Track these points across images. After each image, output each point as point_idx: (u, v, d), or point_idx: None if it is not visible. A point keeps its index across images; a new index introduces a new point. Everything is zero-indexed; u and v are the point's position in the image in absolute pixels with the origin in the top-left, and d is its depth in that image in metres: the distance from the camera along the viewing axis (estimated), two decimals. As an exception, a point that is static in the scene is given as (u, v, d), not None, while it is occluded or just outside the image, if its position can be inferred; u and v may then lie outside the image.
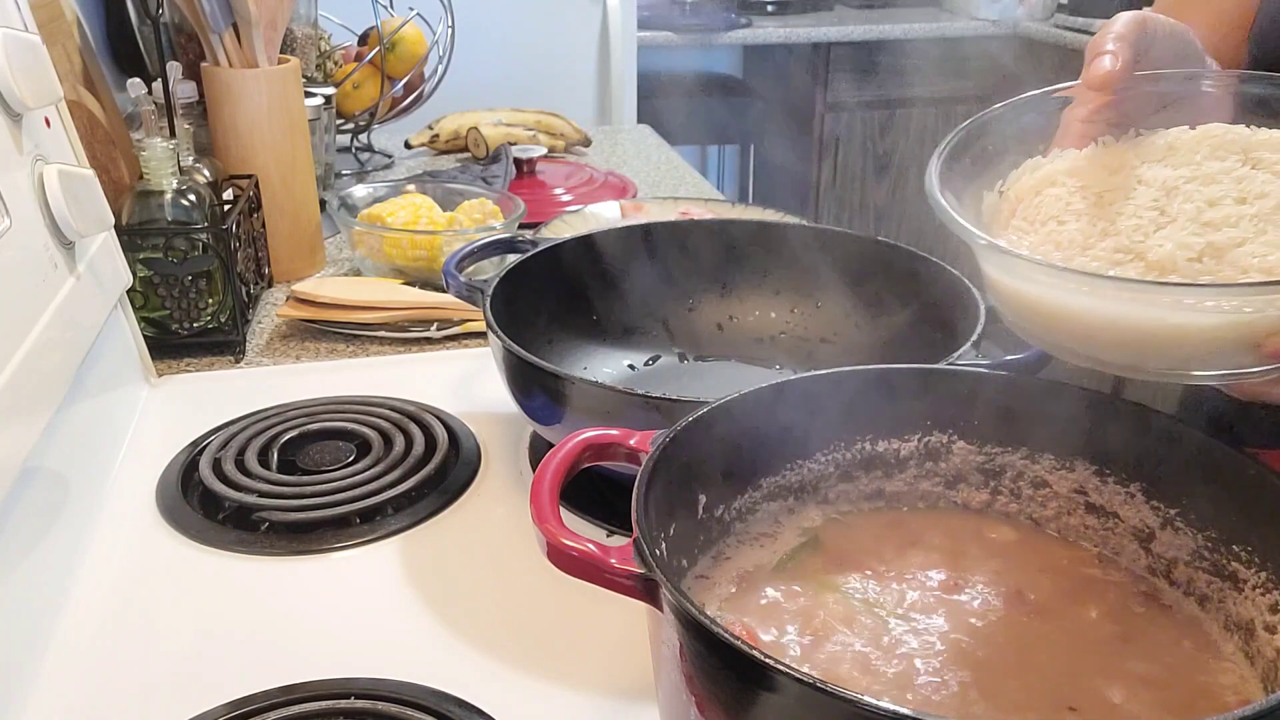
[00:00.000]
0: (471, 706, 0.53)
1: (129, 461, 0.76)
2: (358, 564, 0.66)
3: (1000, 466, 0.54)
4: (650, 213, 1.18)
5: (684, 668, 0.38)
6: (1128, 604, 0.49)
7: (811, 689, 0.33)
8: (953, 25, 3.05)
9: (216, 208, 0.93)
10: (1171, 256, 0.45)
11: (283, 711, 0.52)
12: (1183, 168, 0.49)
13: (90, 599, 0.62)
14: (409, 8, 1.51)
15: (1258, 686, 0.44)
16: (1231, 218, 0.46)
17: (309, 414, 0.80)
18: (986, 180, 0.54)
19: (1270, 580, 0.45)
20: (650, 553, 0.39)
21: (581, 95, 2.26)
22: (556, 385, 0.64)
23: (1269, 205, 0.46)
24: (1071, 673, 0.44)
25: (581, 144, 1.59)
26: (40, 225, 0.65)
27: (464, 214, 1.08)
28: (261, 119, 1.03)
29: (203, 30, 1.01)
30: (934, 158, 0.52)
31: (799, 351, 0.85)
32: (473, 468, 0.75)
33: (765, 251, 0.86)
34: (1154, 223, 0.47)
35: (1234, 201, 0.47)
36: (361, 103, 1.47)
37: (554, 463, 0.45)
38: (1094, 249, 0.48)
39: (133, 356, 0.84)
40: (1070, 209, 0.50)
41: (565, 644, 0.59)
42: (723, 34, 2.97)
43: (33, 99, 0.65)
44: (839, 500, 0.55)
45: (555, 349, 0.81)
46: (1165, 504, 0.49)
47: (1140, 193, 0.49)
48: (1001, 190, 0.53)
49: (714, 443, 0.49)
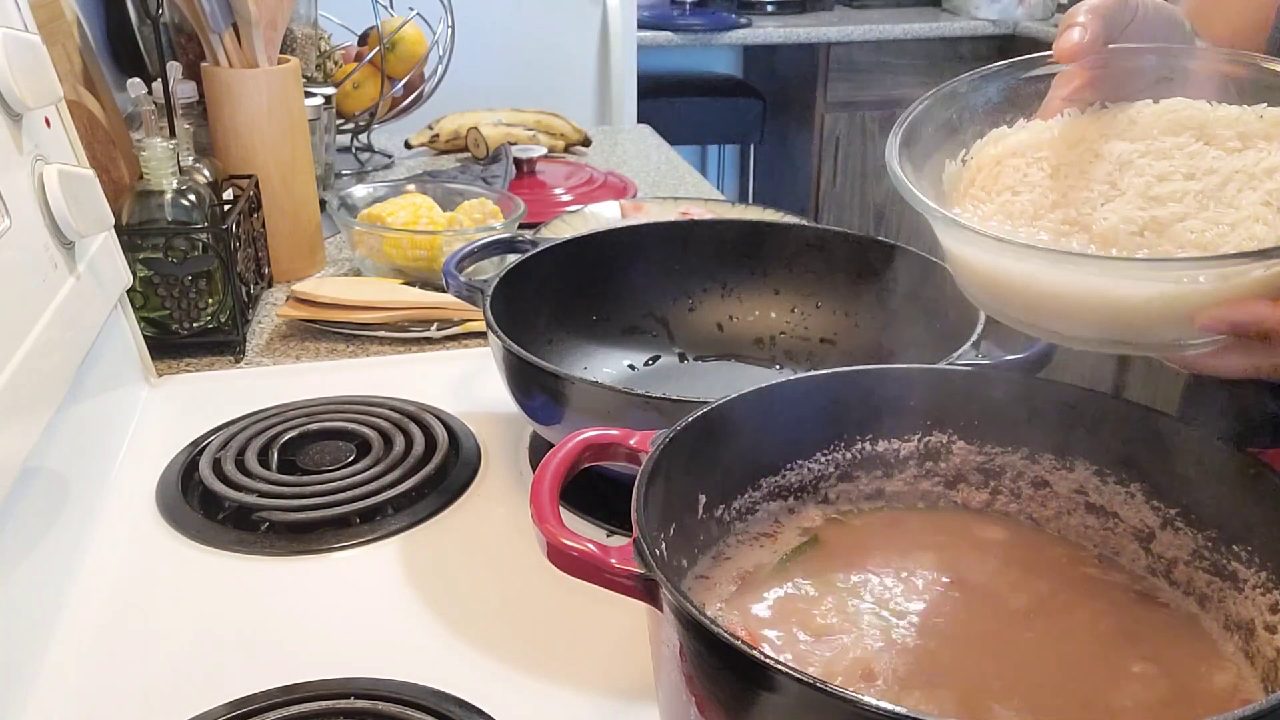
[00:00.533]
0: (471, 706, 0.53)
1: (129, 461, 0.76)
2: (358, 564, 0.66)
3: (1000, 466, 0.54)
4: (650, 213, 1.18)
5: (684, 668, 0.38)
6: (1127, 604, 0.49)
7: (811, 689, 0.33)
8: (953, 25, 3.05)
9: (216, 208, 0.93)
10: (1115, 229, 0.46)
11: (283, 711, 0.52)
12: (1139, 142, 0.49)
13: (90, 599, 0.62)
14: (409, 8, 1.51)
15: (1258, 686, 0.44)
16: (1177, 193, 0.46)
17: (309, 414, 0.80)
18: (950, 149, 0.54)
19: (1270, 580, 0.44)
20: (650, 553, 0.39)
21: (581, 95, 2.26)
22: (556, 385, 0.64)
23: (1215, 181, 0.46)
24: (1071, 673, 0.44)
25: (581, 144, 1.59)
26: (40, 225, 0.65)
27: (464, 214, 1.08)
28: (261, 119, 1.03)
29: (203, 30, 1.01)
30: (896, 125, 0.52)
31: (799, 351, 0.85)
32: (473, 468, 0.75)
33: (765, 251, 0.86)
34: (1104, 196, 0.48)
35: (1183, 177, 0.47)
36: (361, 103, 1.47)
37: (554, 463, 0.45)
38: (1043, 219, 0.48)
39: (133, 356, 0.84)
40: (1026, 180, 0.50)
41: (565, 644, 0.59)
42: (723, 34, 2.97)
43: (33, 99, 0.65)
44: (839, 500, 0.55)
45: (555, 349, 0.81)
46: (1165, 504, 0.49)
47: (1097, 166, 0.49)
48: (965, 160, 0.54)
49: (714, 443, 0.49)
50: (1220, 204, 0.46)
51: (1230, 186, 0.46)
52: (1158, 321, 0.45)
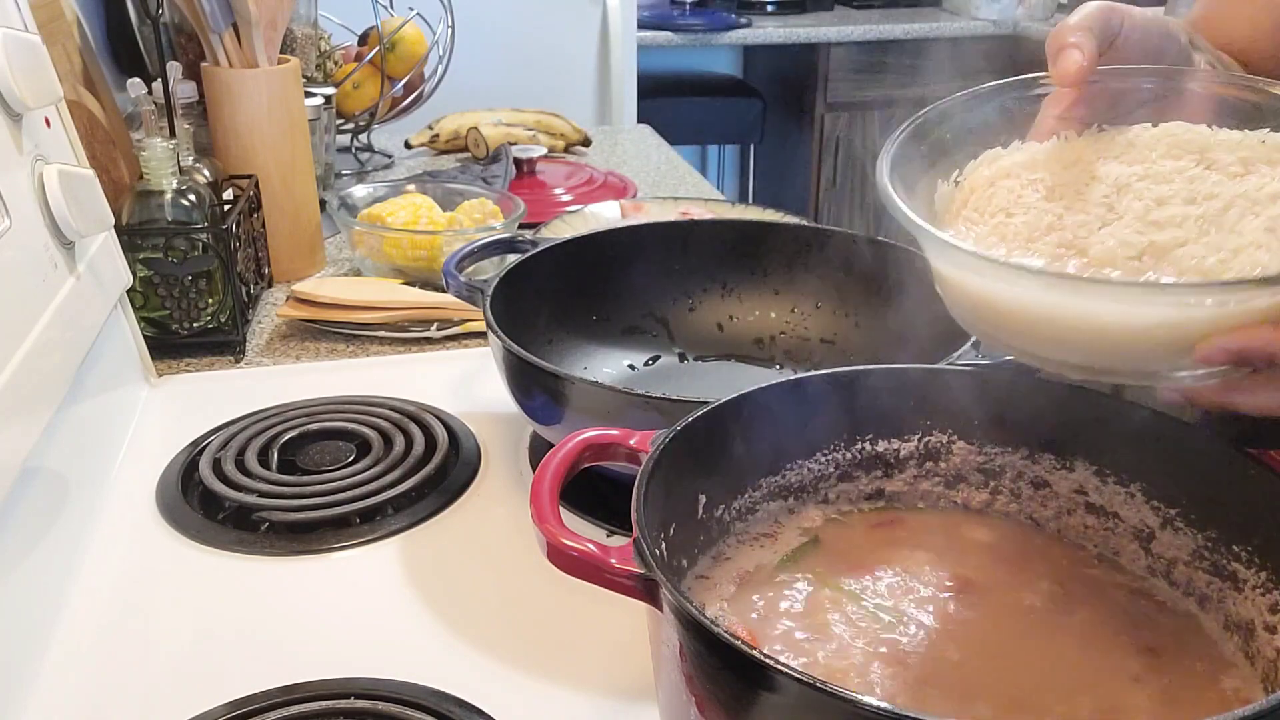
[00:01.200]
0: (471, 706, 0.53)
1: (129, 461, 0.76)
2: (358, 564, 0.66)
3: (1000, 466, 0.54)
4: (650, 213, 1.18)
5: (684, 668, 0.38)
6: (1127, 604, 0.49)
7: (811, 689, 0.33)
8: (953, 25, 3.06)
9: (216, 208, 0.93)
10: (1112, 253, 0.45)
11: (283, 711, 0.52)
12: (1137, 165, 0.48)
13: (90, 599, 0.62)
14: (409, 8, 1.51)
15: (1258, 686, 0.44)
16: (1177, 218, 0.45)
17: (309, 414, 0.80)
18: (943, 169, 0.53)
19: (1270, 580, 0.44)
20: (650, 553, 0.39)
21: (581, 95, 2.26)
22: (556, 385, 0.64)
23: (1216, 207, 0.45)
24: (1071, 673, 0.44)
25: (581, 144, 1.59)
26: (40, 225, 0.65)
27: (464, 214, 1.08)
28: (261, 119, 1.03)
29: (203, 30, 1.01)
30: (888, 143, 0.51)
31: (799, 351, 0.85)
32: (473, 468, 0.75)
33: (765, 251, 0.86)
34: (1101, 219, 0.46)
35: (1183, 201, 0.46)
36: (361, 103, 1.47)
37: (554, 463, 0.45)
38: (1038, 242, 0.47)
39: (133, 356, 0.84)
40: (1021, 202, 0.49)
41: (565, 644, 0.59)
42: (723, 34, 2.97)
43: (33, 99, 0.65)
44: (839, 500, 0.55)
45: (555, 349, 0.81)
46: (1165, 504, 0.49)
47: (1093, 189, 0.48)
48: (958, 180, 0.52)
49: (714, 443, 0.49)
50: (1222, 230, 0.44)
51: (1232, 212, 0.45)
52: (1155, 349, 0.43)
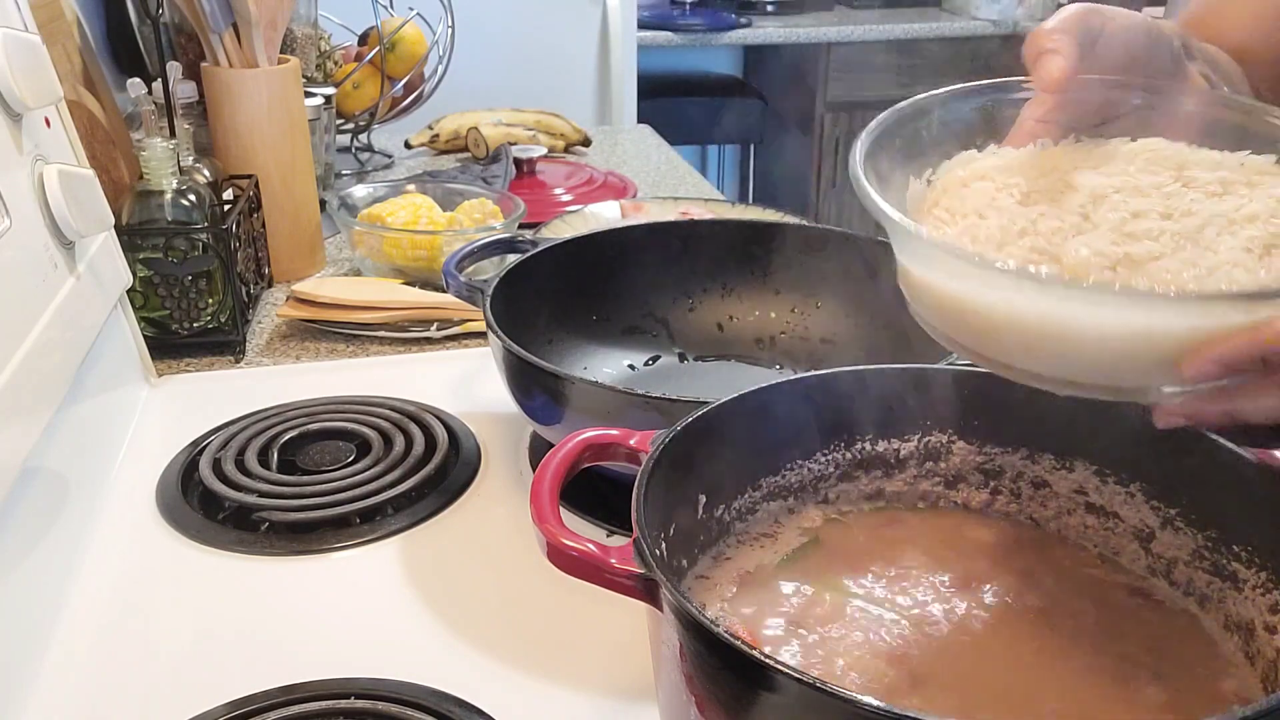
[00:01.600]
0: (471, 706, 0.53)
1: (129, 461, 0.76)
2: (358, 564, 0.66)
3: (1000, 466, 0.54)
4: (650, 213, 1.18)
5: (684, 668, 0.38)
6: (1127, 604, 0.49)
7: (811, 689, 0.33)
8: (953, 25, 3.05)
9: (216, 208, 0.93)
10: (1086, 262, 0.44)
11: (283, 711, 0.52)
12: (1115, 177, 0.48)
13: (90, 599, 0.62)
14: (409, 8, 1.51)
15: (1258, 686, 0.44)
16: (1154, 231, 0.44)
17: (309, 414, 0.80)
18: (916, 168, 0.52)
19: (1270, 580, 0.45)
20: (650, 553, 0.39)
21: (581, 95, 2.26)
22: (556, 385, 0.64)
23: (1193, 224, 0.44)
24: (1071, 673, 0.44)
25: (581, 144, 1.59)
26: (40, 225, 0.65)
27: (464, 214, 1.08)
28: (261, 119, 1.03)
29: (203, 30, 1.01)
30: (863, 134, 0.50)
31: (799, 351, 0.85)
32: (473, 468, 0.75)
33: (765, 251, 0.86)
34: (1076, 228, 0.46)
35: (1159, 216, 0.45)
36: (361, 103, 1.47)
37: (554, 463, 0.45)
38: (1010, 246, 0.46)
39: (133, 356, 0.84)
40: (994, 205, 0.48)
41: (565, 644, 0.59)
42: (723, 34, 2.97)
43: (33, 99, 0.65)
44: (839, 500, 0.55)
45: (555, 349, 0.81)
46: (1165, 504, 0.49)
47: (1069, 196, 0.47)
48: (930, 180, 0.51)
49: (714, 443, 0.49)
50: (1198, 246, 0.44)
51: (1209, 230, 0.44)
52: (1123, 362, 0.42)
